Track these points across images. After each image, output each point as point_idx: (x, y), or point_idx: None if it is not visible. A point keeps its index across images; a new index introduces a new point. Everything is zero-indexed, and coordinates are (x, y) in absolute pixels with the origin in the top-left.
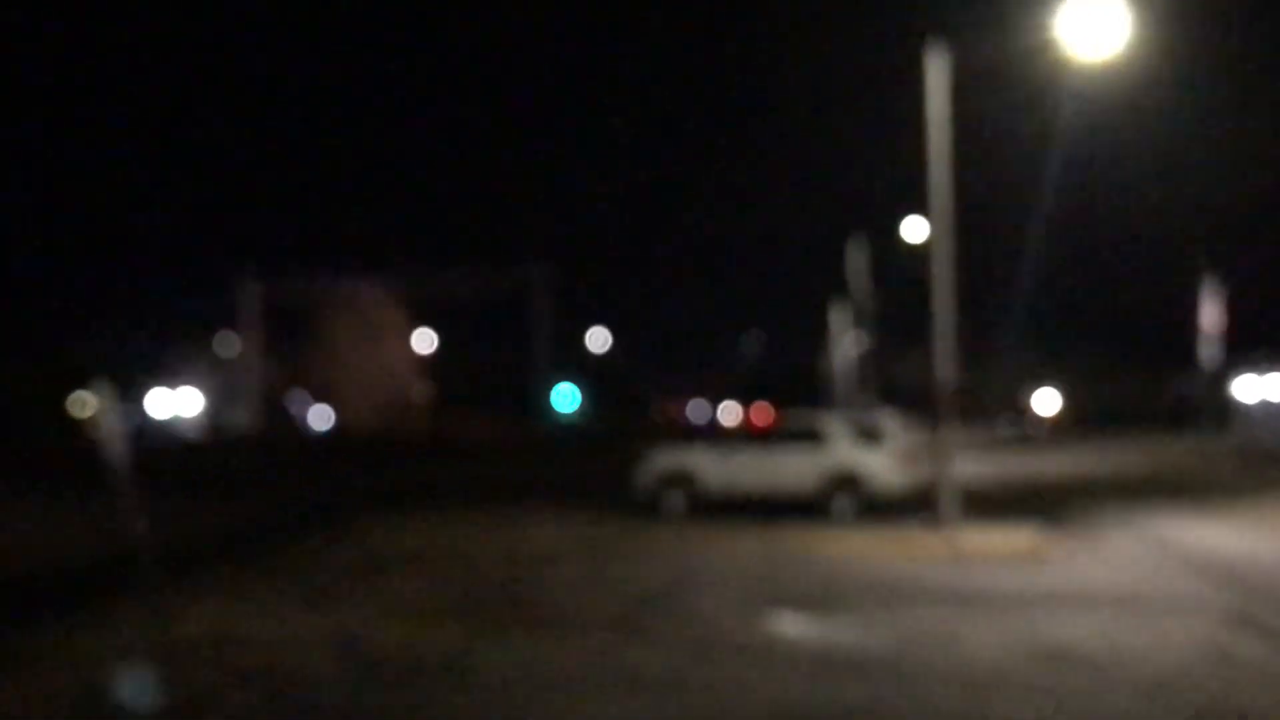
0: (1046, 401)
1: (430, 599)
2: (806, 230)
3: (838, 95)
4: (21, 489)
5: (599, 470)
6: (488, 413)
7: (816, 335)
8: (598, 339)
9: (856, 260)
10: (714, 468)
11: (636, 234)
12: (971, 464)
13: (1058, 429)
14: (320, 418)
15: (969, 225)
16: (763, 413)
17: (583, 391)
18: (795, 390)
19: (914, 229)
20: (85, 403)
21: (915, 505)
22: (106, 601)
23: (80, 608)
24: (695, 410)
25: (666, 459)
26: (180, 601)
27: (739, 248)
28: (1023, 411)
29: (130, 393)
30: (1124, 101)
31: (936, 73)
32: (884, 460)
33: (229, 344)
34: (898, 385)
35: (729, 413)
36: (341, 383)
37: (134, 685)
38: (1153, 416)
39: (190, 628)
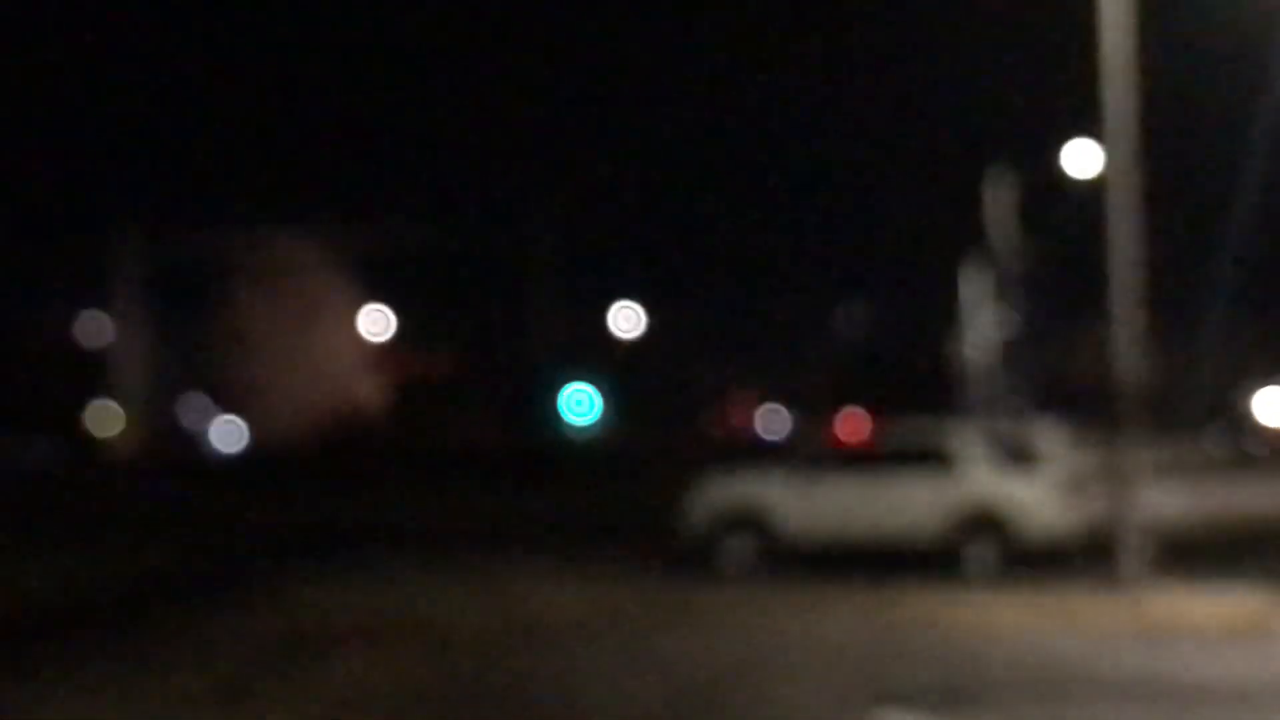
0: (1273, 407)
1: (389, 693)
2: (928, 159)
3: None
4: None
5: (630, 504)
6: (469, 423)
7: (943, 310)
8: (626, 320)
9: (999, 203)
10: (796, 503)
11: (682, 166)
12: (1169, 495)
13: None
14: (228, 434)
15: (1162, 155)
16: (855, 423)
17: (605, 392)
18: (913, 389)
19: (1082, 159)
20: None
21: (1085, 556)
22: None
23: None
24: (768, 419)
25: (727, 490)
26: (29, 698)
27: (832, 184)
28: (1241, 419)
29: None
30: None
31: None
32: (1040, 492)
33: (97, 329)
34: (1060, 381)
35: (773, 416)
36: (261, 383)
37: None
38: None
39: None
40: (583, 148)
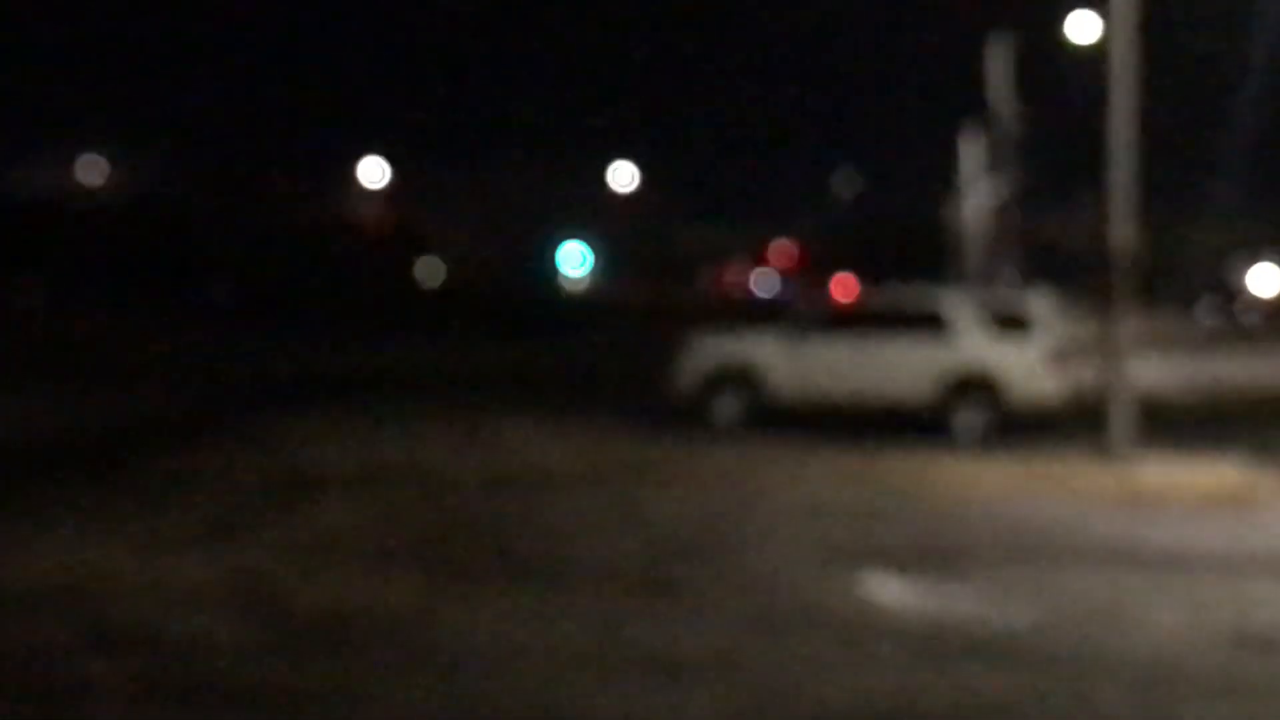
0: (1266, 281)
1: (376, 538)
2: (926, 24)
3: None
4: None
5: (624, 360)
6: (466, 275)
7: (940, 177)
8: (623, 177)
9: (998, 71)
10: (787, 364)
11: (681, 27)
12: (1157, 367)
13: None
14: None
15: (1164, 29)
16: (847, 287)
17: (600, 249)
18: (908, 255)
19: (1084, 26)
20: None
21: (1073, 424)
22: None
23: None
24: (763, 282)
25: (719, 350)
26: (17, 533)
27: (831, 48)
28: (1232, 293)
29: None
30: None
31: None
32: (1031, 359)
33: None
34: (1053, 252)
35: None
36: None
37: None
38: None
39: (32, 570)
40: (586, 11)
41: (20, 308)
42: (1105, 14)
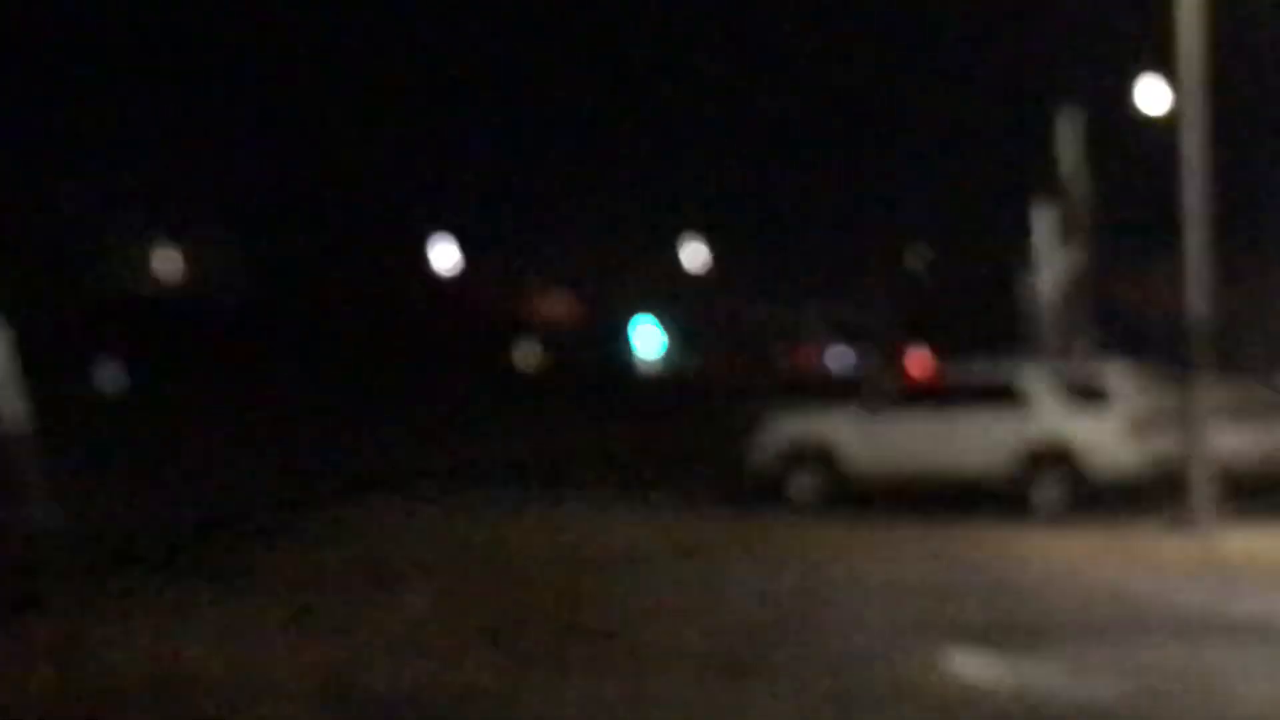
0: None
1: (455, 624)
2: (998, 97)
3: None
4: None
5: (699, 439)
6: (542, 354)
7: (1012, 249)
8: (695, 255)
9: (1069, 141)
10: (863, 440)
11: (751, 106)
12: (1236, 435)
13: None
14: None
15: (1234, 92)
16: (922, 362)
17: (674, 329)
18: (983, 329)
19: (1153, 96)
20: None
21: (1155, 496)
22: None
23: None
24: (837, 358)
25: (795, 427)
26: (103, 623)
27: (899, 123)
28: None
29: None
30: None
31: None
32: (1109, 429)
33: None
34: (1126, 321)
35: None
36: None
37: None
38: None
39: (118, 660)
40: (655, 85)
41: (100, 397)
42: (1174, 82)
